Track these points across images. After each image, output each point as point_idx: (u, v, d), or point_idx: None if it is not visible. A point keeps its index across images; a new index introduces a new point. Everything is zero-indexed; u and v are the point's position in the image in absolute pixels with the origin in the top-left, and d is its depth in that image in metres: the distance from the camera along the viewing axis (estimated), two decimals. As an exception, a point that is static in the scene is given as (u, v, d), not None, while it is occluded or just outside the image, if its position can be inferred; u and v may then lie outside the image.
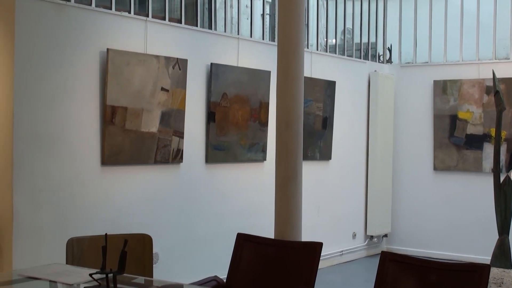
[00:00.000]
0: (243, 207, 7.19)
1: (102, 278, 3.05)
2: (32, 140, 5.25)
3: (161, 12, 6.53)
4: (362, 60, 9.23)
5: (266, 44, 7.60)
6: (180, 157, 6.39)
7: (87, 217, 5.63)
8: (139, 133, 5.94)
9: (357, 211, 9.05)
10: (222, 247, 6.56)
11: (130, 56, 5.83)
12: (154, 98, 6.04)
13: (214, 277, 4.41)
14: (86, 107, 5.61)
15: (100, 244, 3.11)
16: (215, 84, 6.71)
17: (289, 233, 4.78)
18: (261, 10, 8.10)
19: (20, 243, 5.16)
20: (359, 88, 9.04)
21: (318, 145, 8.20)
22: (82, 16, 5.60)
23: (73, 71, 5.53)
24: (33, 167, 5.25)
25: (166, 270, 6.11)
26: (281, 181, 4.86)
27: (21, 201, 5.17)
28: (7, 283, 3.53)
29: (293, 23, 4.89)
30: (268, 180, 6.68)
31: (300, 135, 4.91)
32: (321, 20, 8.81)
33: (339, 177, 8.66)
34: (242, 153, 7.09)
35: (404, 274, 3.29)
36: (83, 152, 5.61)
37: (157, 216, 6.26)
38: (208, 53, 6.75)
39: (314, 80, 7.97)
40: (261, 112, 7.21)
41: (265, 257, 3.77)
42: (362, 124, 9.10)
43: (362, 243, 9.13)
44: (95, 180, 5.71)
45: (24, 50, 5.17)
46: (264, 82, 7.22)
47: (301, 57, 4.94)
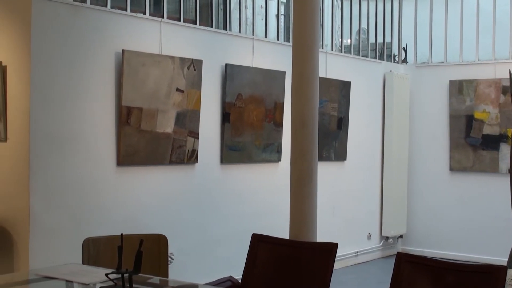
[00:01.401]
0: (258, 208, 7.19)
1: (118, 278, 3.06)
2: (48, 141, 5.28)
3: (176, 13, 6.55)
4: (377, 60, 9.20)
5: (281, 44, 7.59)
6: (195, 157, 6.40)
7: (103, 217, 5.65)
8: (154, 134, 5.95)
9: (372, 212, 9.02)
10: (237, 248, 6.56)
11: (145, 57, 5.85)
12: (169, 98, 6.05)
13: (229, 277, 4.42)
14: (101, 108, 5.64)
15: (116, 244, 3.12)
16: (230, 85, 6.72)
17: (304, 234, 4.77)
18: (276, 11, 8.10)
19: (37, 243, 5.19)
20: (374, 89, 9.02)
21: (333, 145, 8.18)
22: (97, 18, 5.63)
23: (89, 72, 5.55)
24: (49, 167, 5.28)
25: (181, 270, 6.12)
26: (296, 182, 4.85)
27: (38, 202, 5.20)
28: (24, 282, 3.56)
29: (308, 23, 4.88)
30: (283, 181, 6.68)
31: (315, 136, 4.91)
32: (336, 20, 8.80)
33: (354, 177, 8.64)
34: (257, 154, 7.09)
35: (420, 275, 3.27)
36: (98, 153, 5.63)
37: (172, 217, 6.28)
38: (223, 53, 6.76)
39: (329, 80, 7.96)
40: (276, 113, 7.21)
41: (280, 257, 3.76)
42: (377, 125, 9.07)
43: (377, 244, 9.10)
44: (111, 180, 5.73)
45: (40, 51, 5.21)
46: (279, 83, 7.22)
47: (316, 57, 4.93)
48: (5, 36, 5.36)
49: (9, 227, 5.30)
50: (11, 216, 5.29)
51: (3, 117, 5.29)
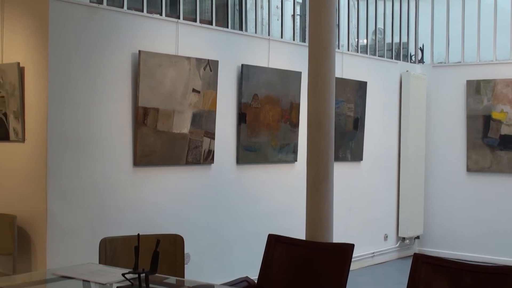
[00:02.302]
0: (274, 208, 7.18)
1: (135, 278, 3.07)
2: (66, 142, 5.31)
3: (192, 14, 6.56)
4: (394, 61, 9.17)
5: (297, 44, 7.58)
6: (211, 158, 6.41)
7: (119, 217, 5.68)
8: (171, 134, 5.97)
9: (388, 213, 8.98)
10: (253, 248, 6.57)
11: (161, 58, 5.86)
12: (185, 99, 6.07)
13: (245, 277, 4.40)
14: (118, 109, 5.66)
15: (133, 244, 3.13)
16: (246, 85, 6.72)
17: (321, 234, 4.76)
18: (292, 11, 8.09)
19: (54, 242, 5.22)
20: (390, 89, 8.98)
21: (349, 146, 8.16)
22: (114, 19, 5.66)
23: (106, 73, 5.58)
24: (66, 168, 5.31)
25: (197, 271, 6.13)
26: (313, 182, 4.84)
27: (55, 202, 5.23)
28: (42, 282, 3.58)
29: (324, 23, 4.87)
30: (299, 181, 6.67)
31: (332, 136, 4.89)
32: (352, 20, 8.78)
33: (371, 178, 8.61)
34: (273, 154, 7.08)
35: (437, 276, 3.25)
36: (115, 153, 5.65)
37: (189, 217, 6.29)
38: (239, 54, 6.76)
39: (345, 80, 7.94)
40: (292, 113, 7.20)
41: (296, 258, 3.76)
42: (394, 125, 9.04)
43: (394, 245, 9.06)
44: (128, 181, 5.76)
45: (57, 52, 5.24)
46: (295, 83, 7.21)
47: (332, 57, 4.92)
48: (22, 37, 5.40)
49: (27, 227, 5.34)
50: (29, 216, 5.33)
51: (21, 118, 5.33)
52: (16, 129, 5.38)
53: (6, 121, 5.46)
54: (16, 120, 5.37)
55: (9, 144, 5.50)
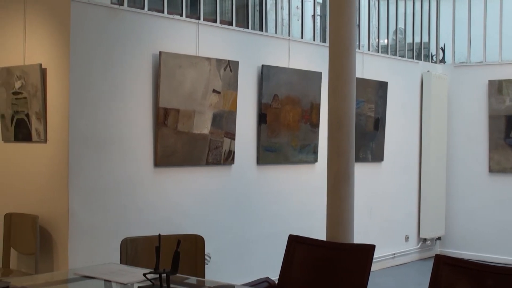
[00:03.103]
0: (295, 209, 7.18)
1: (156, 278, 3.08)
2: (87, 142, 5.34)
3: (212, 14, 6.58)
4: (415, 61, 9.12)
5: (317, 45, 7.57)
6: (232, 158, 6.42)
7: (140, 217, 5.70)
8: (191, 135, 5.98)
9: (409, 213, 8.93)
10: (273, 249, 6.56)
11: (182, 59, 5.88)
12: (205, 100, 6.08)
13: (265, 278, 4.40)
14: (139, 109, 5.69)
15: (153, 244, 3.14)
16: (266, 86, 6.72)
17: (341, 235, 4.74)
18: (312, 11, 8.08)
19: (76, 242, 5.26)
20: (411, 89, 8.93)
21: (370, 146, 8.13)
22: (135, 20, 5.68)
23: (127, 74, 5.61)
24: (88, 168, 5.35)
25: (217, 271, 6.14)
26: (333, 183, 4.83)
27: (77, 202, 5.27)
28: (63, 281, 3.61)
29: (345, 23, 4.85)
30: (319, 182, 6.65)
31: (352, 136, 4.88)
32: (373, 20, 8.74)
33: (392, 178, 8.57)
34: (293, 155, 7.08)
35: (459, 278, 3.23)
36: (136, 154, 5.68)
37: (209, 217, 6.30)
38: (259, 54, 6.76)
39: (366, 81, 7.91)
40: (312, 113, 7.19)
41: (316, 259, 3.75)
42: (415, 125, 8.99)
43: (415, 246, 9.01)
44: (148, 181, 5.78)
45: (79, 54, 5.27)
46: (315, 83, 7.20)
47: (353, 57, 4.90)
48: (45, 39, 5.44)
49: (49, 227, 5.39)
50: (51, 216, 5.37)
51: (43, 119, 5.37)
52: (38, 130, 5.43)
53: (28, 122, 5.50)
54: (38, 121, 5.41)
55: (32, 145, 5.54)
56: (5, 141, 5.77)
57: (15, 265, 5.66)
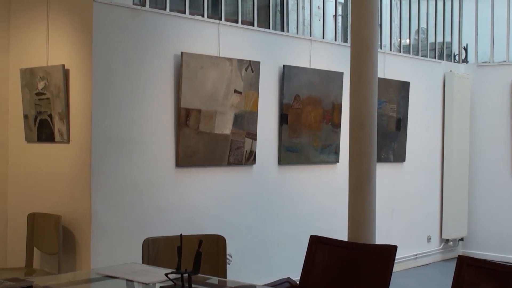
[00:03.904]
0: (316, 209, 7.16)
1: (177, 278, 3.09)
2: (109, 143, 5.37)
3: (233, 15, 6.58)
4: (437, 60, 9.06)
5: (339, 45, 7.55)
6: (253, 159, 6.42)
7: (162, 217, 5.72)
8: (213, 135, 6.00)
9: (432, 214, 8.88)
10: (295, 249, 6.55)
11: (203, 59, 5.89)
12: (227, 100, 6.09)
13: (287, 279, 4.40)
14: (161, 110, 5.71)
15: (175, 244, 3.15)
16: (287, 86, 6.71)
17: (363, 236, 4.72)
18: (333, 11, 8.06)
19: (98, 242, 5.29)
20: (433, 89, 8.88)
21: (391, 147, 8.09)
22: (156, 21, 5.71)
23: (148, 75, 5.63)
24: (110, 168, 5.38)
25: (239, 271, 6.15)
26: (355, 183, 4.81)
27: (99, 202, 5.30)
28: (86, 281, 3.63)
29: (366, 23, 4.83)
30: (341, 182, 6.63)
31: (374, 137, 4.85)
32: (395, 20, 8.70)
33: (414, 179, 8.52)
34: (315, 155, 7.06)
35: (482, 279, 3.20)
36: (158, 154, 5.70)
37: (231, 217, 6.31)
38: (280, 55, 6.76)
39: (387, 81, 7.88)
40: (333, 114, 7.17)
41: (338, 259, 3.74)
42: (437, 126, 8.93)
43: (437, 247, 8.95)
44: (170, 181, 5.80)
45: (101, 54, 5.31)
46: (336, 84, 7.18)
47: (375, 57, 4.88)
48: (67, 40, 5.49)
49: (72, 227, 5.42)
50: (73, 216, 5.41)
51: (66, 120, 5.41)
52: (61, 131, 5.47)
53: (51, 123, 5.55)
54: (61, 121, 5.45)
55: (54, 145, 5.59)
56: (29, 141, 5.82)
57: (38, 264, 5.72)
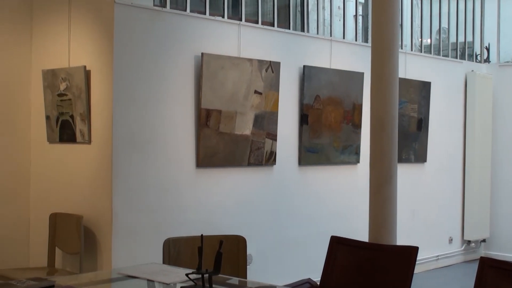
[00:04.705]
0: (337, 210, 7.14)
1: (198, 278, 3.09)
2: (130, 143, 5.40)
3: (254, 16, 6.59)
4: (459, 60, 8.99)
5: (359, 45, 7.52)
6: (273, 159, 6.42)
7: (182, 218, 5.74)
8: (233, 136, 6.00)
9: (453, 215, 8.81)
10: (315, 250, 6.54)
11: (224, 60, 5.90)
12: (247, 101, 6.09)
13: (307, 279, 4.39)
14: (181, 111, 5.73)
15: (196, 244, 3.16)
16: (308, 87, 6.70)
17: (384, 237, 4.71)
18: (354, 11, 8.04)
19: (119, 242, 5.32)
20: (455, 89, 8.81)
21: (413, 147, 8.05)
22: (177, 22, 5.72)
23: (169, 75, 5.65)
24: (131, 169, 5.40)
25: (259, 272, 6.15)
26: (376, 184, 4.80)
27: (120, 202, 5.33)
28: (107, 281, 3.64)
29: (387, 23, 4.82)
30: (361, 183, 6.61)
31: (395, 137, 4.83)
32: (416, 20, 8.65)
33: (435, 179, 8.47)
34: (335, 156, 7.04)
35: (504, 281, 3.17)
36: (178, 155, 5.72)
37: (251, 218, 6.31)
38: (300, 55, 6.75)
39: (408, 81, 7.83)
40: (354, 114, 7.15)
41: (359, 260, 3.72)
42: (459, 126, 8.86)
43: (458, 248, 8.88)
44: (190, 182, 5.81)
45: (122, 55, 5.33)
46: (357, 84, 7.15)
47: (396, 58, 4.86)
48: (89, 41, 5.52)
49: (93, 227, 5.46)
50: (95, 216, 5.44)
51: (87, 120, 5.44)
52: (82, 131, 5.51)
53: (73, 123, 5.59)
54: (82, 122, 5.49)
55: (76, 146, 5.63)
56: (50, 142, 5.87)
57: (60, 264, 5.76)
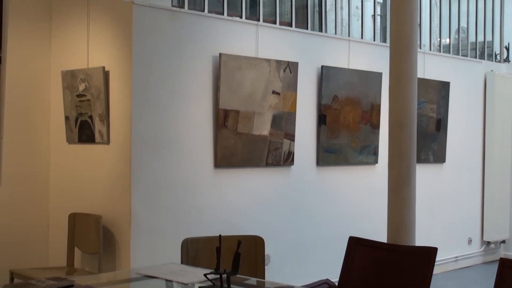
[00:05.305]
0: (355, 210, 7.12)
1: (216, 278, 3.10)
2: (149, 143, 5.42)
3: (271, 16, 6.59)
4: (478, 60, 8.93)
5: (377, 45, 7.49)
6: (291, 159, 6.41)
7: (200, 218, 5.75)
8: (251, 136, 6.00)
9: (472, 216, 8.75)
10: (333, 250, 6.53)
11: (241, 60, 5.90)
12: (265, 101, 6.09)
13: (325, 280, 4.38)
14: (199, 111, 5.74)
15: (214, 244, 3.16)
16: (326, 87, 6.69)
17: (403, 238, 4.68)
18: (372, 11, 8.01)
19: (138, 242, 5.34)
20: (474, 89, 8.75)
21: (431, 147, 8.00)
22: (195, 22, 5.73)
23: (187, 76, 5.66)
24: (149, 169, 5.42)
25: (277, 272, 6.14)
26: (394, 184, 4.77)
27: (138, 202, 5.35)
28: (126, 281, 3.66)
29: (406, 23, 4.79)
30: (379, 183, 6.58)
31: (414, 137, 4.81)
32: (434, 19, 8.61)
33: (454, 180, 8.41)
34: (353, 156, 7.02)
35: (525, 282, 3.14)
36: (196, 155, 5.73)
37: (269, 218, 6.31)
38: (318, 55, 6.74)
39: (427, 81, 7.79)
40: (372, 114, 7.12)
41: (377, 261, 3.71)
42: (478, 126, 8.80)
43: (478, 249, 8.82)
44: (208, 182, 5.82)
45: (140, 56, 5.35)
46: (375, 84, 7.13)
47: (414, 57, 4.83)
48: (107, 42, 5.55)
49: (112, 227, 5.48)
50: (113, 216, 5.47)
51: (106, 121, 5.47)
52: (101, 132, 5.54)
53: (92, 124, 5.62)
54: (101, 122, 5.52)
55: (95, 146, 5.66)
56: (70, 142, 5.90)
57: (79, 264, 5.79)
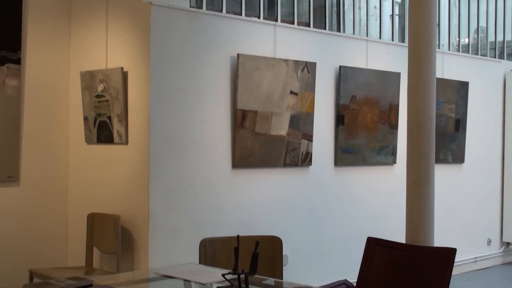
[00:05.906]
0: (373, 211, 7.10)
1: (234, 279, 3.10)
2: (167, 144, 5.44)
3: (289, 16, 6.59)
4: (497, 60, 8.87)
5: (396, 45, 7.46)
6: (309, 160, 6.40)
7: (218, 218, 5.75)
8: (269, 136, 6.00)
9: (492, 216, 8.69)
10: (351, 251, 6.51)
11: (259, 61, 5.91)
12: (283, 101, 6.09)
13: (343, 280, 4.37)
14: (217, 111, 5.75)
15: (232, 245, 3.17)
16: (344, 87, 6.67)
17: (421, 238, 4.66)
18: (390, 11, 7.98)
19: (156, 242, 5.36)
20: (494, 89, 8.69)
21: (450, 148, 7.96)
22: (213, 23, 5.75)
23: (205, 76, 5.68)
24: (167, 169, 5.44)
25: (295, 272, 6.14)
26: (413, 185, 4.75)
27: (156, 202, 5.37)
28: (144, 281, 3.68)
29: (425, 23, 4.76)
30: (398, 184, 6.56)
31: (432, 138, 4.78)
32: (453, 19, 8.56)
33: (473, 180, 8.36)
34: (372, 156, 7.00)
35: (546, 283, 3.12)
36: (215, 155, 5.74)
37: (287, 219, 6.31)
38: (336, 55, 6.72)
39: (446, 81, 7.75)
40: (391, 115, 7.10)
41: (396, 262, 3.70)
42: (497, 126, 8.74)
43: (497, 250, 8.76)
44: (226, 182, 5.83)
45: (158, 57, 5.37)
46: (393, 84, 7.10)
47: (433, 57, 4.81)
48: (126, 43, 5.57)
49: (130, 227, 5.51)
50: (132, 216, 5.49)
51: (124, 121, 5.50)
52: (119, 132, 5.56)
53: (110, 124, 5.65)
54: (120, 123, 5.54)
55: (113, 147, 5.69)
56: (88, 143, 5.94)
57: (98, 264, 5.83)
